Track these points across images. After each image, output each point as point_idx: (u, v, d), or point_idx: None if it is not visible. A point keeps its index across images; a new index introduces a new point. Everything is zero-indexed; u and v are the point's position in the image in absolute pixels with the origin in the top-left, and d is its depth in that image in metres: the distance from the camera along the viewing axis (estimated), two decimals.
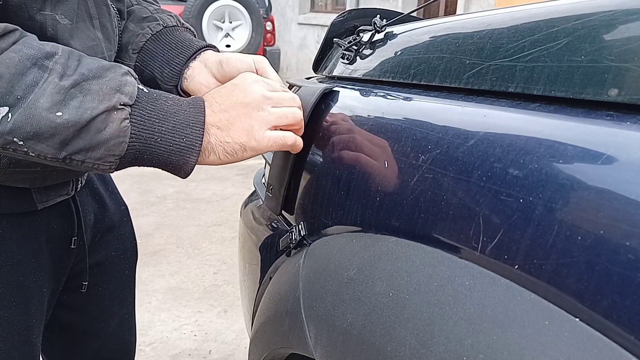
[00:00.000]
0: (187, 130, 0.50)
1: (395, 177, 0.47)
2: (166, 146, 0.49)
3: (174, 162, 0.50)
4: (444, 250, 0.40)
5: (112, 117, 0.46)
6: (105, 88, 0.47)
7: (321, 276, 0.53)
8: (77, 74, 0.46)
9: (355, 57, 0.65)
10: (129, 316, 0.86)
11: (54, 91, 0.44)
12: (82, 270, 0.72)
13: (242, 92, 0.54)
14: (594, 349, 0.28)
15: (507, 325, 0.32)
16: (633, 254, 0.27)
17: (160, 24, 0.67)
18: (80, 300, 0.76)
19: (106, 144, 0.47)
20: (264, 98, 0.54)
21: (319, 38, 7.26)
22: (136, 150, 0.49)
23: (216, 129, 0.52)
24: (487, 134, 0.39)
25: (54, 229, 0.65)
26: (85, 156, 0.47)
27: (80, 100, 0.45)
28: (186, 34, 0.68)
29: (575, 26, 0.37)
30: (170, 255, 2.26)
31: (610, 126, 0.32)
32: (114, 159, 0.48)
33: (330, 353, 0.48)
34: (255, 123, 0.53)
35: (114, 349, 0.84)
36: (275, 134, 0.54)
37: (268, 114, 0.54)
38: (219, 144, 0.52)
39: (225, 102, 0.53)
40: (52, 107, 0.44)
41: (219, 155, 0.52)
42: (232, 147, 0.53)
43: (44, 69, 0.45)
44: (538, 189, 0.33)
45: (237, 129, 0.53)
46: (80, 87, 0.46)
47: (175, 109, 0.51)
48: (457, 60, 0.47)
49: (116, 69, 0.49)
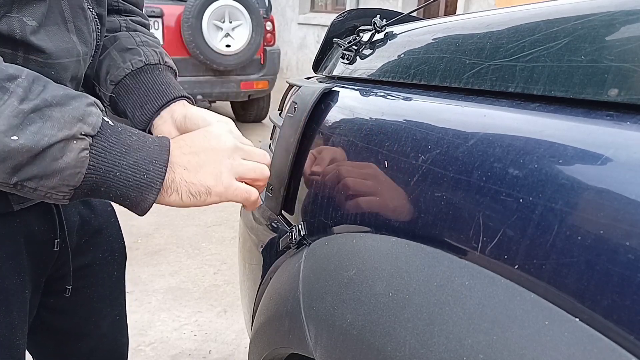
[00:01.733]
0: (149, 167, 0.49)
1: (395, 177, 0.47)
2: (125, 181, 0.48)
3: (132, 197, 0.49)
4: (444, 250, 0.40)
5: (71, 147, 0.45)
6: (68, 116, 0.45)
7: (321, 276, 0.53)
8: (40, 99, 0.45)
9: (355, 57, 0.65)
10: (120, 317, 0.86)
11: (11, 114, 0.43)
12: (67, 273, 0.72)
13: (215, 139, 0.54)
14: (594, 349, 0.28)
15: (507, 325, 0.32)
16: (633, 254, 0.27)
17: (142, 61, 0.66)
18: (69, 303, 0.75)
19: (61, 174, 0.45)
20: (236, 148, 0.55)
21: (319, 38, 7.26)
22: (93, 182, 0.47)
23: (183, 169, 0.52)
24: (487, 134, 0.39)
25: (35, 231, 0.64)
26: (38, 184, 0.45)
27: (39, 126, 0.44)
28: (166, 75, 0.68)
29: (575, 26, 0.37)
30: (170, 255, 2.26)
31: (610, 126, 0.32)
32: (67, 190, 0.46)
33: (330, 353, 0.48)
34: (225, 170, 0.53)
35: (106, 351, 0.84)
36: (242, 185, 0.55)
37: (239, 164, 0.54)
38: (184, 183, 0.51)
39: (196, 145, 0.53)
40: (8, 131, 0.42)
41: (182, 196, 0.52)
42: (198, 188, 0.52)
43: (3, 91, 0.43)
44: (538, 189, 0.33)
45: (205, 172, 0.52)
46: (41, 113, 0.44)
47: (140, 144, 0.50)
48: (457, 60, 0.47)
49: (82, 98, 0.48)
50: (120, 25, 0.71)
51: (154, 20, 3.89)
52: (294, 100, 0.66)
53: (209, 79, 4.13)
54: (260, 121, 5.00)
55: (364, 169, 0.52)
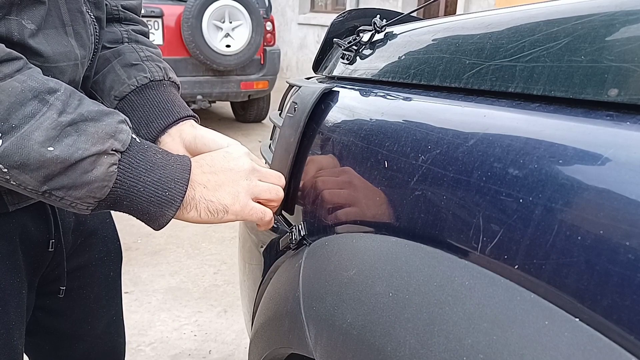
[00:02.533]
0: (171, 185, 0.51)
1: (395, 177, 0.47)
2: (147, 197, 0.50)
3: (152, 212, 0.51)
4: (444, 250, 0.40)
5: (101, 161, 0.47)
6: (101, 132, 0.47)
7: (321, 276, 0.53)
8: (76, 114, 0.47)
9: (355, 57, 0.65)
10: (117, 318, 0.86)
11: (50, 126, 0.45)
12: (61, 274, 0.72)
13: (234, 160, 0.57)
14: (594, 349, 0.28)
15: (507, 326, 0.32)
16: (633, 254, 0.27)
17: (148, 77, 0.67)
18: (65, 304, 0.75)
19: (89, 186, 0.47)
20: (252, 170, 0.57)
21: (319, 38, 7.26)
22: (117, 196, 0.49)
23: (202, 187, 0.54)
24: (487, 134, 0.39)
25: (30, 231, 0.64)
26: (66, 194, 0.47)
27: (74, 139, 0.46)
28: (170, 92, 0.68)
29: (575, 26, 0.37)
30: (170, 255, 2.26)
31: (610, 126, 0.32)
32: (93, 201, 0.48)
33: (330, 353, 0.48)
34: (242, 190, 0.56)
35: (103, 351, 0.84)
36: (258, 206, 0.57)
37: (255, 185, 0.57)
38: (204, 201, 0.54)
39: (216, 165, 0.56)
40: (45, 142, 0.44)
41: (200, 213, 0.54)
42: (216, 206, 0.54)
43: (43, 103, 0.45)
44: (538, 189, 0.33)
45: (224, 192, 0.55)
46: (77, 127, 0.46)
47: (163, 162, 0.52)
48: (457, 60, 0.47)
49: (114, 115, 0.50)
50: (122, 36, 0.71)
51: (154, 20, 3.89)
52: (294, 100, 0.66)
53: (209, 79, 4.13)
54: (260, 121, 5.00)
55: (363, 169, 0.52)
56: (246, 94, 4.41)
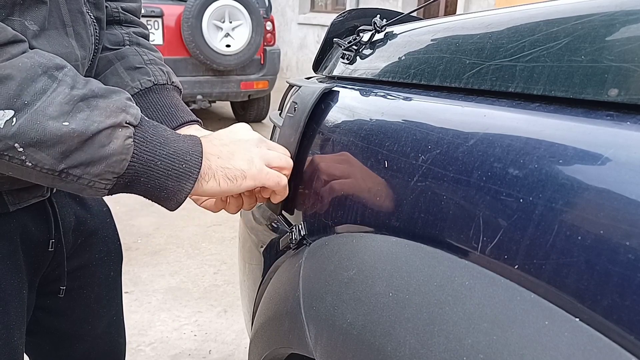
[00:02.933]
0: (187, 157, 0.51)
1: (395, 176, 0.47)
2: (164, 170, 0.50)
3: (169, 187, 0.51)
4: (444, 250, 0.40)
5: (117, 134, 0.47)
6: (112, 106, 0.48)
7: (321, 276, 0.53)
8: (87, 89, 0.47)
9: (355, 57, 0.65)
10: (117, 318, 0.86)
11: (63, 101, 0.45)
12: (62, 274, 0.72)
13: (241, 132, 0.59)
14: (594, 349, 0.28)
15: (507, 326, 0.32)
16: (633, 254, 0.27)
17: (151, 80, 0.67)
18: (65, 304, 0.75)
19: (108, 160, 0.46)
20: (261, 139, 0.59)
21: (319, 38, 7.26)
22: (135, 171, 0.49)
23: (216, 158, 0.54)
24: (487, 134, 0.39)
25: (31, 231, 0.64)
26: (84, 171, 0.46)
27: (88, 114, 0.46)
28: (173, 96, 0.69)
29: (575, 26, 0.37)
30: (170, 255, 2.26)
31: (610, 126, 0.32)
32: (112, 177, 0.48)
33: (330, 353, 0.48)
34: (256, 156, 0.56)
35: (103, 351, 0.84)
36: (273, 171, 0.57)
37: (266, 152, 0.58)
38: (220, 169, 0.54)
39: (224, 139, 0.57)
40: (60, 117, 0.44)
41: (219, 181, 0.53)
42: (234, 173, 0.54)
43: (53, 79, 0.45)
44: (538, 189, 0.33)
45: (238, 158, 0.55)
46: (88, 102, 0.47)
47: (175, 137, 0.52)
48: (457, 60, 0.47)
49: (121, 93, 0.50)
50: (123, 38, 0.71)
51: (154, 20, 3.89)
52: (294, 100, 0.66)
53: (209, 79, 4.13)
54: (260, 121, 5.00)
55: (363, 168, 0.52)
56: (246, 94, 4.40)
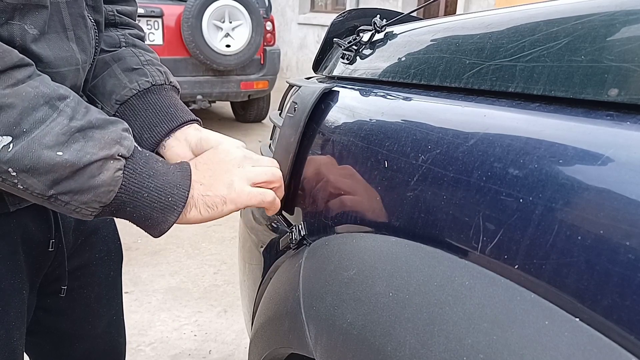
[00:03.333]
0: (174, 191, 0.53)
1: (395, 176, 0.47)
2: (150, 202, 0.52)
3: (154, 218, 0.53)
4: (444, 250, 0.40)
5: (108, 166, 0.48)
6: (107, 138, 0.49)
7: (321, 276, 0.53)
8: (85, 120, 0.48)
9: (355, 57, 0.65)
10: (117, 317, 0.86)
11: (60, 132, 0.46)
12: (62, 273, 0.72)
13: (225, 152, 0.59)
14: (594, 349, 0.28)
15: (507, 325, 0.32)
16: (633, 254, 0.27)
17: (149, 81, 0.67)
18: (65, 304, 0.75)
19: (96, 190, 0.48)
20: (244, 157, 0.59)
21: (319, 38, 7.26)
22: (121, 201, 0.51)
23: (199, 185, 0.55)
24: (487, 134, 0.39)
25: (31, 231, 0.64)
26: (72, 198, 0.48)
27: (82, 145, 0.47)
28: (172, 96, 0.69)
29: (575, 26, 0.37)
30: (170, 255, 2.26)
31: (610, 126, 0.32)
32: (98, 206, 0.50)
33: (330, 353, 0.48)
34: (236, 178, 0.57)
35: (103, 351, 0.84)
36: (254, 189, 0.58)
37: (249, 170, 0.58)
38: (201, 197, 0.55)
39: (209, 161, 0.58)
40: (55, 146, 0.46)
41: (200, 210, 0.55)
42: (213, 200, 0.55)
43: (54, 109, 0.47)
44: (538, 189, 0.33)
45: (218, 184, 0.56)
46: (85, 133, 0.48)
47: (165, 169, 0.54)
48: (457, 60, 0.47)
49: (118, 124, 0.52)
50: (119, 40, 0.70)
51: (154, 20, 3.89)
52: (294, 100, 0.66)
53: (209, 79, 4.13)
54: (260, 121, 5.00)
55: (364, 168, 0.52)
56: (246, 94, 4.40)
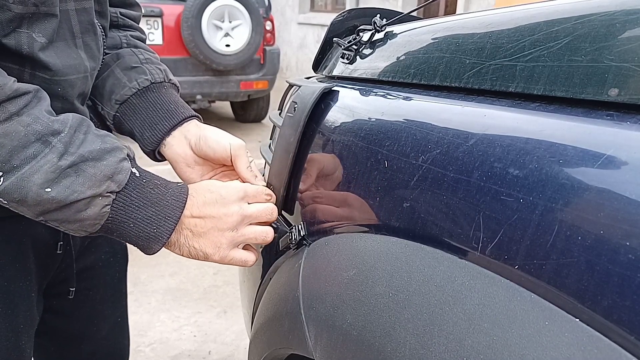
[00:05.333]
0: (161, 222, 0.53)
1: (395, 176, 0.47)
2: (136, 232, 0.53)
3: (140, 245, 0.54)
4: (444, 251, 0.40)
5: (95, 202, 0.49)
6: (99, 174, 0.49)
7: (321, 277, 0.53)
8: (77, 155, 0.48)
9: (355, 57, 0.65)
10: (122, 319, 0.86)
11: (49, 170, 0.47)
12: (70, 275, 0.72)
13: (224, 207, 0.57)
14: (594, 349, 0.28)
15: (507, 326, 0.32)
16: (633, 254, 0.27)
17: (149, 79, 0.67)
18: (70, 306, 0.75)
19: (82, 222, 0.50)
20: (240, 218, 0.57)
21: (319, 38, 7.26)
22: (107, 229, 0.52)
23: (188, 232, 0.56)
24: (487, 134, 0.39)
25: (40, 233, 0.64)
26: (60, 224, 0.50)
27: (72, 181, 0.48)
28: (172, 94, 0.68)
29: (575, 26, 0.37)
30: (170, 255, 2.26)
31: (610, 126, 0.32)
32: (85, 233, 0.52)
33: (330, 353, 0.48)
34: (225, 241, 0.57)
35: (107, 353, 0.84)
36: (238, 256, 0.58)
37: (241, 234, 0.58)
38: (186, 246, 0.56)
39: (205, 210, 0.56)
40: (44, 184, 0.47)
41: (183, 253, 0.57)
42: (197, 253, 0.56)
43: (46, 144, 0.47)
44: (538, 189, 0.33)
45: (207, 241, 0.56)
46: (77, 167, 0.48)
47: (158, 198, 0.53)
48: (457, 60, 0.47)
49: (117, 153, 0.51)
50: (121, 41, 0.70)
51: (154, 20, 3.89)
52: (294, 100, 0.66)
53: (208, 79, 4.13)
54: (260, 121, 5.00)
55: (363, 168, 0.52)
56: (246, 93, 4.40)
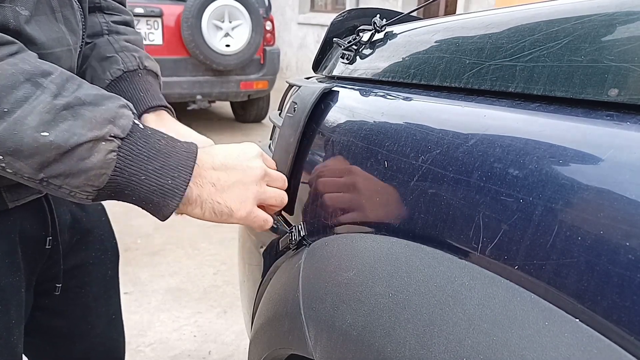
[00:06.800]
0: (174, 173, 0.49)
1: (395, 177, 0.47)
2: (149, 185, 0.48)
3: (155, 202, 0.49)
4: (444, 251, 0.40)
5: (99, 147, 0.45)
6: (99, 116, 0.46)
7: (321, 277, 0.53)
8: (73, 97, 0.45)
9: (355, 57, 0.65)
10: (116, 317, 0.86)
11: (44, 110, 0.43)
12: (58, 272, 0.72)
13: (248, 161, 0.55)
14: (594, 350, 0.28)
15: (507, 326, 0.32)
16: (633, 254, 0.27)
17: (121, 69, 0.67)
18: (62, 303, 0.75)
19: (87, 173, 0.45)
20: (264, 174, 0.56)
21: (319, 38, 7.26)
22: (117, 184, 0.47)
23: (211, 186, 0.52)
24: (487, 134, 0.39)
25: (28, 229, 0.64)
26: (63, 182, 0.45)
27: (70, 124, 0.44)
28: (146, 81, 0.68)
29: (575, 26, 0.37)
30: (170, 255, 2.26)
31: (610, 126, 0.32)
32: (92, 190, 0.47)
33: (330, 354, 0.48)
34: (251, 196, 0.54)
35: (102, 351, 0.84)
36: (262, 213, 0.56)
37: (264, 191, 0.56)
38: (210, 201, 0.52)
39: (229, 163, 0.54)
40: (39, 126, 0.43)
41: (205, 212, 0.52)
42: (222, 209, 0.53)
43: (37, 86, 0.44)
44: (538, 189, 0.33)
45: (232, 194, 0.53)
46: (73, 111, 0.45)
47: (168, 149, 0.50)
48: (457, 60, 0.47)
49: (114, 100, 0.48)
50: (101, 28, 0.70)
51: (154, 20, 3.89)
52: (294, 100, 0.66)
53: (208, 79, 4.13)
54: (260, 121, 5.00)
55: (363, 169, 0.52)
56: (246, 93, 4.40)
